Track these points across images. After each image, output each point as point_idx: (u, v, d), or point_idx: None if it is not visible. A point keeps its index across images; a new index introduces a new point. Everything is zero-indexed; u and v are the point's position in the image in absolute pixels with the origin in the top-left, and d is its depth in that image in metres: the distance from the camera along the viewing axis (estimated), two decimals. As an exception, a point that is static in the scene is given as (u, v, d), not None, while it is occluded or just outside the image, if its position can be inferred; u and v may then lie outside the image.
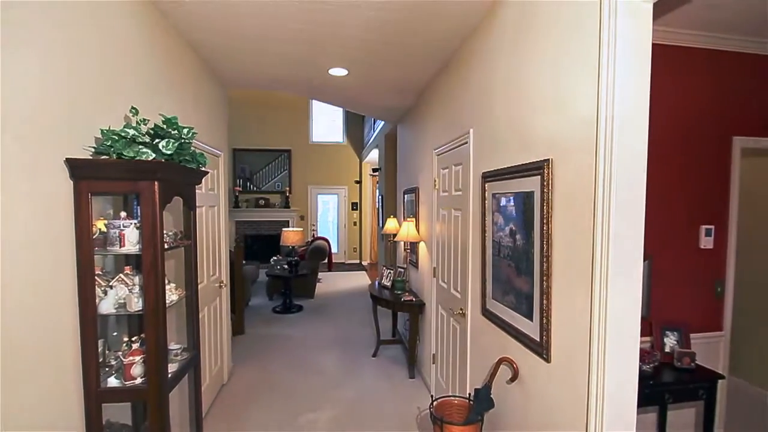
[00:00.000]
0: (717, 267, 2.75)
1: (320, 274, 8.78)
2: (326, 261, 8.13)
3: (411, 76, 3.50)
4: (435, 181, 3.38)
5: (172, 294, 1.93)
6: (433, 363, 3.49)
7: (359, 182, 11.13)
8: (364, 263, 11.12)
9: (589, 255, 1.42)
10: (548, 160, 1.66)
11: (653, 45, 1.36)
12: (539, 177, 1.72)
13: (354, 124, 10.98)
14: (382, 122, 6.83)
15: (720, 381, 2.34)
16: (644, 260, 1.43)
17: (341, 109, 10.66)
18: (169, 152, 1.71)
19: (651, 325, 2.59)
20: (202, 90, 3.17)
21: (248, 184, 10.38)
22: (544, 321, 1.70)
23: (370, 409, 3.34)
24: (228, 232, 3.91)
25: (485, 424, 2.17)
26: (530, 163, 1.80)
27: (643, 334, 1.52)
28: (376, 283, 4.68)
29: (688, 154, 2.67)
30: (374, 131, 8.16)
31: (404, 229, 4.03)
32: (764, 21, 2.37)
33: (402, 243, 4.66)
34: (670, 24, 2.46)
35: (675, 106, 2.62)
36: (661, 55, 2.56)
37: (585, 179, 1.45)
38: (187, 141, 1.86)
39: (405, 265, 4.52)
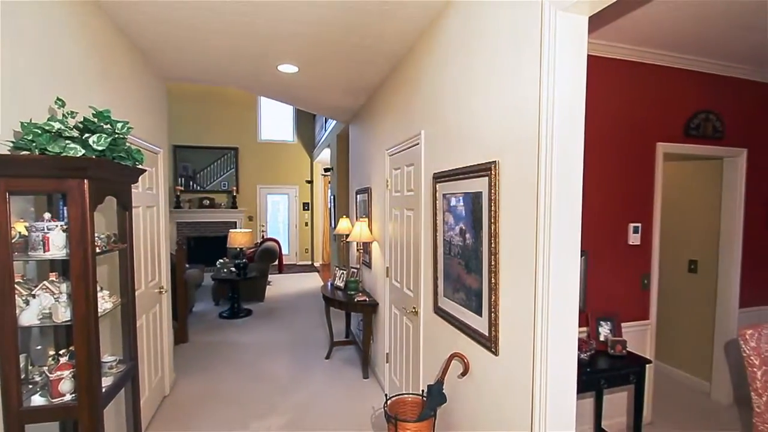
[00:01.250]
0: (644, 261, 3.02)
1: (270, 277, 8.54)
2: (277, 263, 7.92)
3: (363, 76, 3.50)
4: (387, 181, 3.41)
5: (106, 302, 1.79)
6: (387, 362, 3.51)
7: (310, 182, 10.96)
8: (317, 264, 10.97)
9: (533, 252, 1.50)
10: (495, 161, 1.72)
11: (589, 56, 1.46)
12: (487, 178, 1.79)
13: (305, 123, 10.79)
14: (334, 121, 6.78)
15: (648, 365, 2.56)
16: (581, 256, 1.53)
17: (291, 107, 10.45)
18: (100, 148, 1.57)
19: (587, 316, 2.78)
20: (138, 82, 2.96)
21: (191, 183, 9.85)
22: (492, 316, 1.77)
23: (324, 411, 3.30)
24: (168, 234, 3.69)
25: (438, 418, 2.22)
26: (478, 164, 1.86)
27: (580, 325, 1.63)
28: (329, 284, 4.63)
29: (619, 158, 2.90)
30: (326, 130, 8.08)
31: (357, 230, 4.03)
32: (683, 37, 2.63)
33: (355, 243, 4.65)
34: (603, 37, 2.66)
35: (607, 113, 2.84)
36: (596, 66, 2.77)
37: (528, 180, 1.52)
38: (121, 136, 1.72)
39: (358, 266, 4.51)
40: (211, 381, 3.83)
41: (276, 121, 10.70)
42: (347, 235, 4.57)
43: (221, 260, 6.60)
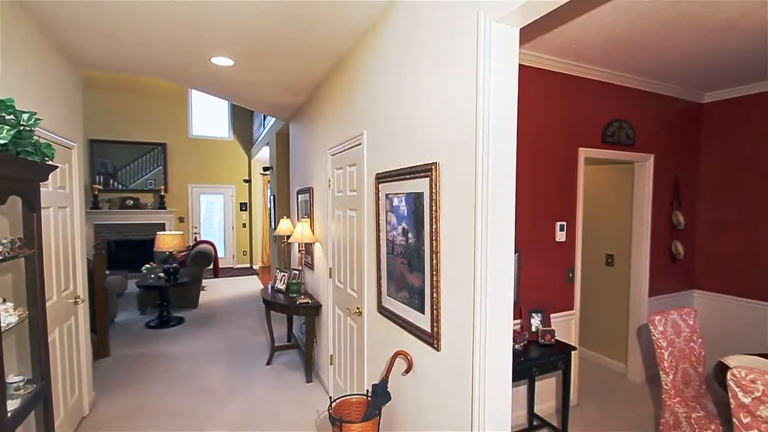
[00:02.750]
0: (569, 256, 3.27)
1: (205, 282, 8.08)
2: (212, 267, 7.50)
3: (303, 73, 3.43)
4: (329, 181, 3.37)
5: (10, 315, 1.57)
6: (331, 364, 3.47)
7: (248, 181, 10.52)
8: (256, 267, 10.57)
9: (472, 249, 1.56)
10: (436, 163, 1.77)
11: (522, 66, 1.55)
12: (428, 179, 1.83)
13: (242, 119, 10.33)
14: (273, 119, 6.57)
15: (573, 352, 2.78)
16: (515, 253, 1.61)
17: (227, 102, 9.95)
18: (2, 141, 1.38)
19: (520, 308, 2.96)
20: (49, 69, 2.64)
21: (111, 181, 9.00)
22: (435, 313, 1.81)
23: (266, 418, 3.18)
24: (85, 237, 3.33)
25: (383, 417, 2.23)
26: (420, 165, 1.90)
27: (514, 318, 1.74)
28: (269, 287, 4.48)
29: (546, 161, 3.12)
30: (264, 128, 7.80)
31: (299, 230, 3.93)
32: (599, 53, 2.89)
33: (297, 244, 4.54)
34: (534, 49, 2.84)
35: (536, 120, 3.04)
36: (527, 75, 2.95)
37: (467, 181, 1.58)
38: (27, 129, 1.52)
39: (300, 267, 4.41)
40: (136, 397, 3.53)
41: (210, 116, 10.12)
42: (288, 236, 4.45)
43: (147, 265, 6.10)
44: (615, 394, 3.63)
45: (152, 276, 5.86)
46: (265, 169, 9.05)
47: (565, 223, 3.21)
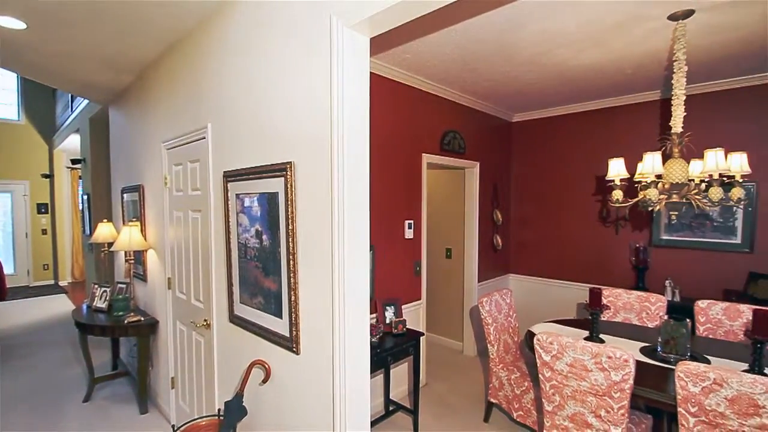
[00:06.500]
0: (416, 251, 3.58)
1: (-17, 307, 6.16)
2: (-6, 287, 5.75)
3: (128, 49, 2.89)
4: (166, 178, 2.93)
5: None
6: (173, 388, 3.03)
7: (49, 176, 8.41)
8: (63, 284, 8.56)
9: (329, 249, 1.55)
10: (291, 162, 1.71)
11: (375, 75, 1.61)
12: (283, 178, 1.75)
13: (39, 99, 8.21)
14: (86, 101, 5.41)
15: (422, 337, 3.05)
16: (370, 250, 1.67)
17: (15, 76, 7.78)
18: None
19: (376, 303, 3.11)
20: None
21: None
22: (293, 316, 1.75)
23: (82, 470, 2.59)
24: None
25: (238, 437, 2.05)
26: (274, 164, 1.80)
27: (370, 312, 1.81)
28: (84, 306, 3.67)
29: (396, 165, 3.35)
30: (72, 111, 6.35)
31: (125, 236, 3.30)
32: (437, 71, 3.23)
33: (123, 253, 3.82)
34: (387, 60, 3.01)
35: (386, 126, 3.23)
36: (379, 84, 3.11)
37: (323, 181, 1.57)
38: None
39: (128, 280, 3.72)
40: None
41: (-13, 92, 7.76)
42: (111, 244, 3.71)
43: None
44: (455, 369, 4.14)
45: None
46: (75, 161, 7.37)
47: (412, 221, 3.50)
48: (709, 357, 2.36)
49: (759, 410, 1.63)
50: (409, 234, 3.46)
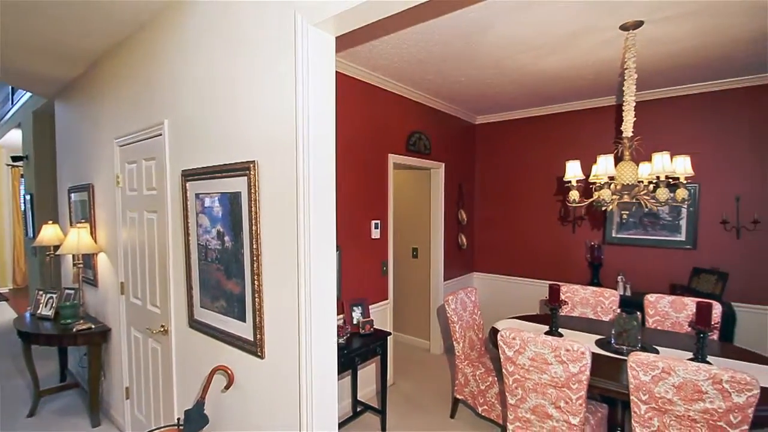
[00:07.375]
0: (383, 252, 3.58)
1: None
2: None
3: (76, 39, 2.71)
4: (118, 177, 2.77)
5: None
6: (128, 398, 2.87)
7: (-12, 175, 7.77)
8: (4, 290, 7.92)
9: (295, 250, 1.52)
10: (254, 161, 1.66)
11: (341, 75, 1.59)
12: (246, 178, 1.70)
13: (-27, 91, 7.54)
14: (28, 94, 5.03)
15: (389, 337, 3.05)
16: (336, 251, 1.66)
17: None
18: None
19: (343, 303, 3.08)
20: None
21: None
22: (257, 319, 1.70)
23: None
24: None
25: (199, 446, 1.96)
26: (236, 163, 1.75)
27: (337, 313, 1.79)
28: (28, 315, 3.41)
29: (362, 165, 3.33)
30: (13, 104, 5.89)
31: (73, 238, 3.09)
32: (401, 71, 3.25)
33: (71, 257, 3.58)
34: (351, 60, 2.99)
35: (352, 126, 3.21)
36: (345, 84, 3.08)
37: (288, 181, 1.53)
38: None
39: (77, 285, 3.49)
40: None
41: None
42: (57, 247, 3.46)
43: None
44: (422, 367, 4.18)
45: None
46: (16, 158, 6.82)
47: (379, 221, 3.50)
48: (658, 347, 2.51)
49: (702, 395, 1.75)
50: (375, 234, 3.45)
